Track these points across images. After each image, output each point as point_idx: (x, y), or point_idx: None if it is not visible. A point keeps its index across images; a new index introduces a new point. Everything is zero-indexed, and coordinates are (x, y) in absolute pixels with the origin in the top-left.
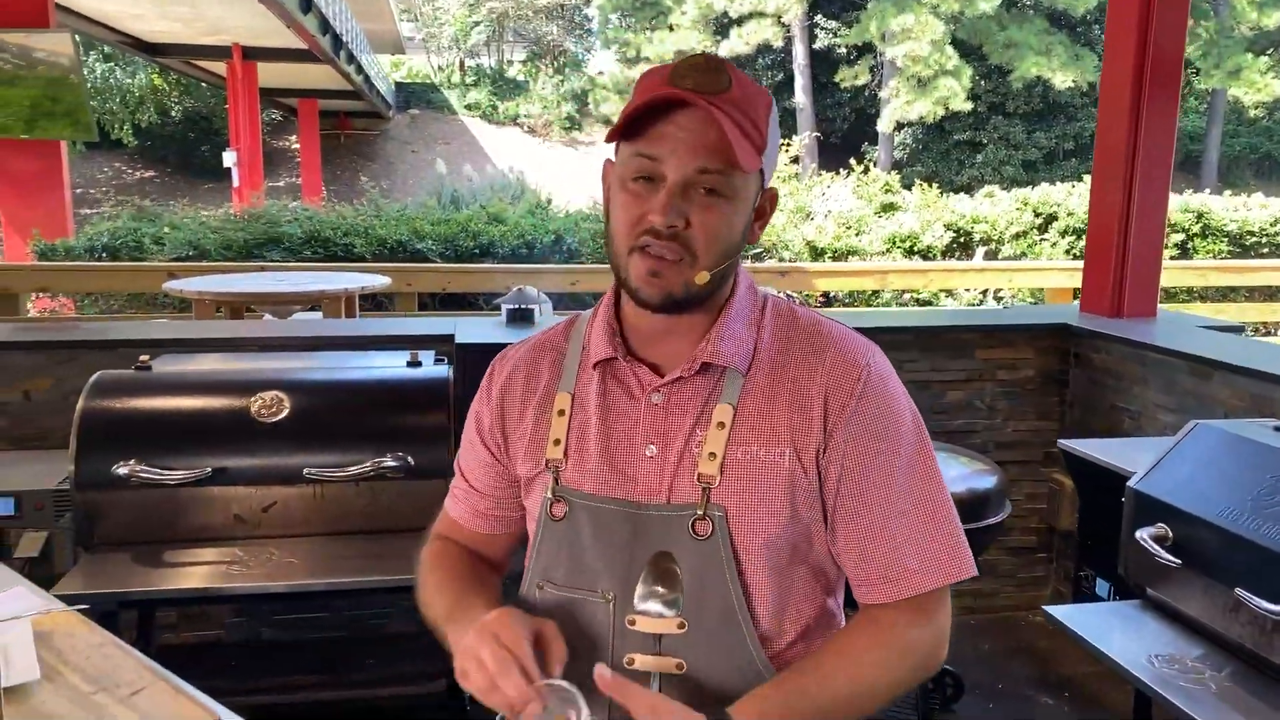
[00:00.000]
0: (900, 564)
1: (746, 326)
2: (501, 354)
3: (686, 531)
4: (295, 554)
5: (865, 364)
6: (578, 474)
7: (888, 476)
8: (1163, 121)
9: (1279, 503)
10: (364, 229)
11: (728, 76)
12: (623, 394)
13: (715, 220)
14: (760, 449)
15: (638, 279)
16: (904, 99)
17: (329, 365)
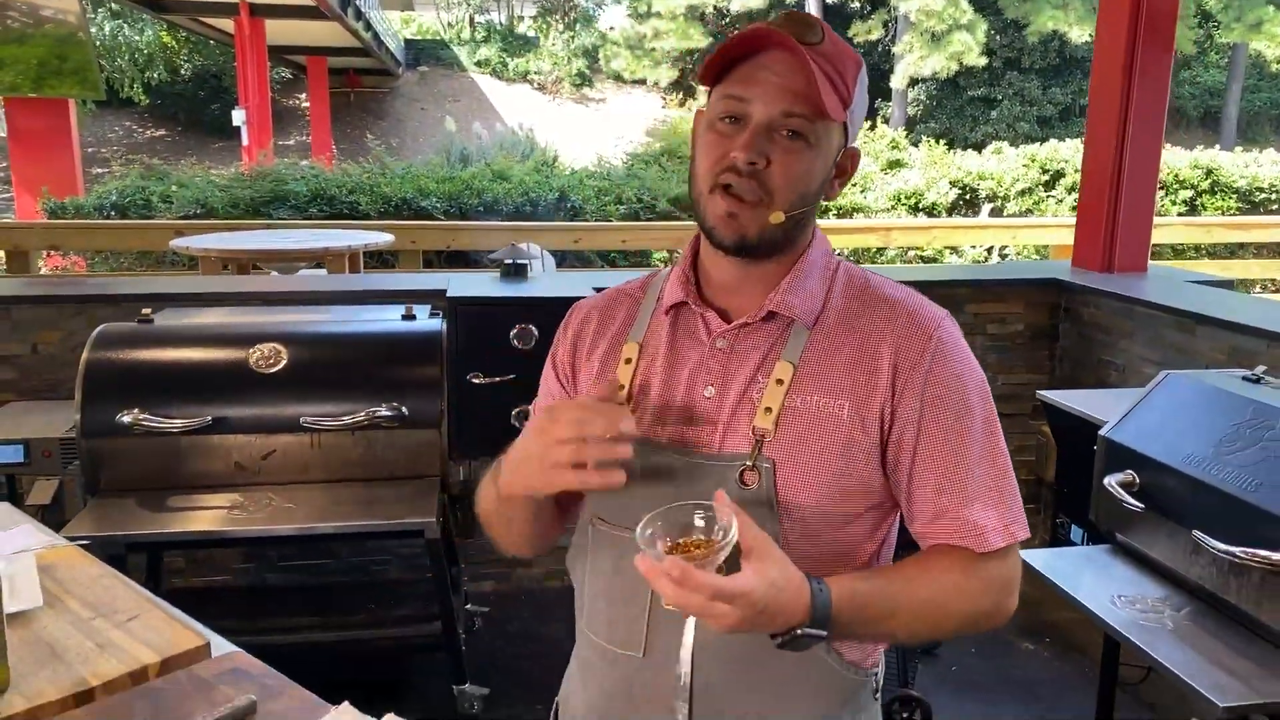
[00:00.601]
0: (973, 522)
1: (818, 283)
2: (576, 305)
3: (734, 480)
4: (294, 500)
5: (937, 327)
6: (637, 419)
7: (962, 439)
8: (1155, 78)
9: (1240, 448)
10: (369, 187)
11: (820, 31)
12: (690, 337)
13: (795, 163)
14: (819, 400)
15: (714, 218)
16: (917, 54)
17: (325, 318)
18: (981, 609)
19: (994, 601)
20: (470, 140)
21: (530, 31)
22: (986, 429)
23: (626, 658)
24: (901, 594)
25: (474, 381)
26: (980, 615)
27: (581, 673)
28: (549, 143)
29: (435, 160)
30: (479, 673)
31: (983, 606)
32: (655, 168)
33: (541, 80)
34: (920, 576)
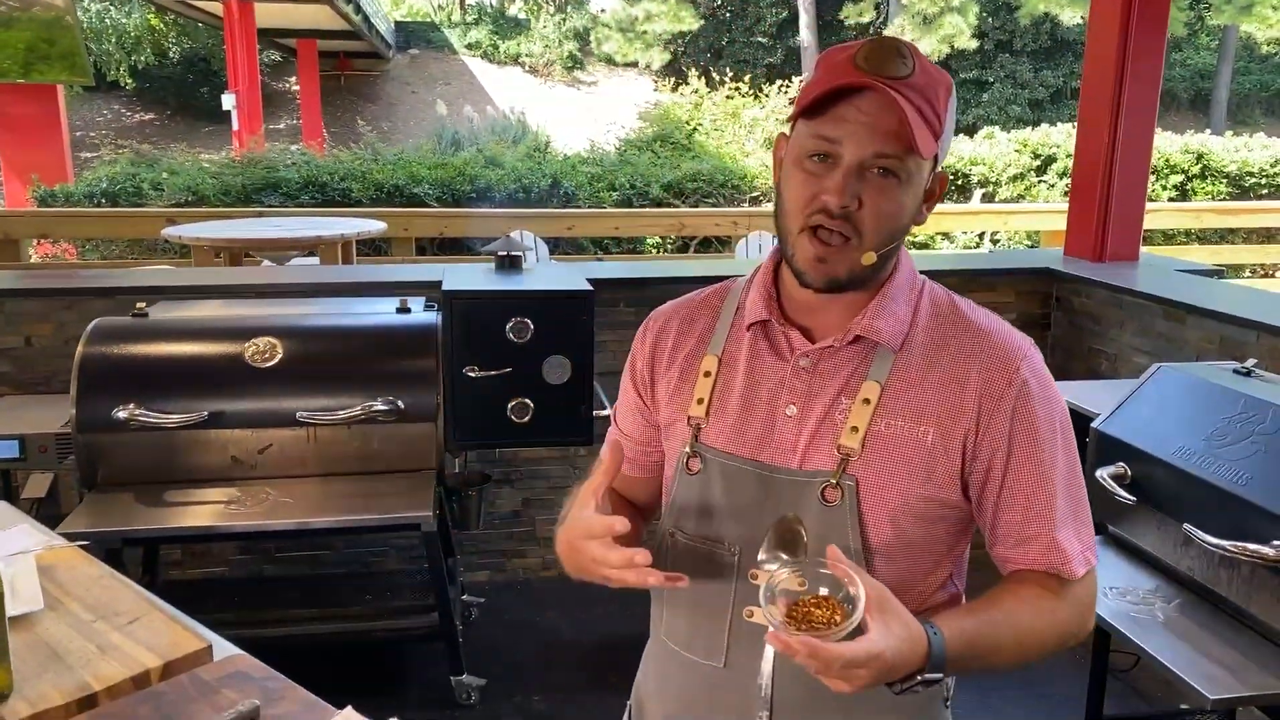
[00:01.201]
0: (1060, 549)
1: (904, 306)
2: (655, 311)
3: (816, 497)
4: (291, 494)
5: (1024, 358)
6: (715, 433)
7: (1048, 469)
8: (1149, 63)
9: (1230, 442)
10: (361, 173)
11: (912, 61)
12: (772, 354)
13: (887, 203)
14: (904, 424)
15: (804, 262)
16: (909, 37)
17: (321, 311)
18: (1070, 630)
19: (1080, 622)
20: (461, 124)
21: (521, 14)
22: (1068, 458)
23: (708, 667)
24: (1004, 626)
25: (470, 375)
26: (1069, 636)
27: (659, 679)
28: (540, 126)
29: (427, 145)
30: (476, 663)
31: (1071, 628)
32: (648, 154)
33: (533, 63)
34: (1019, 607)
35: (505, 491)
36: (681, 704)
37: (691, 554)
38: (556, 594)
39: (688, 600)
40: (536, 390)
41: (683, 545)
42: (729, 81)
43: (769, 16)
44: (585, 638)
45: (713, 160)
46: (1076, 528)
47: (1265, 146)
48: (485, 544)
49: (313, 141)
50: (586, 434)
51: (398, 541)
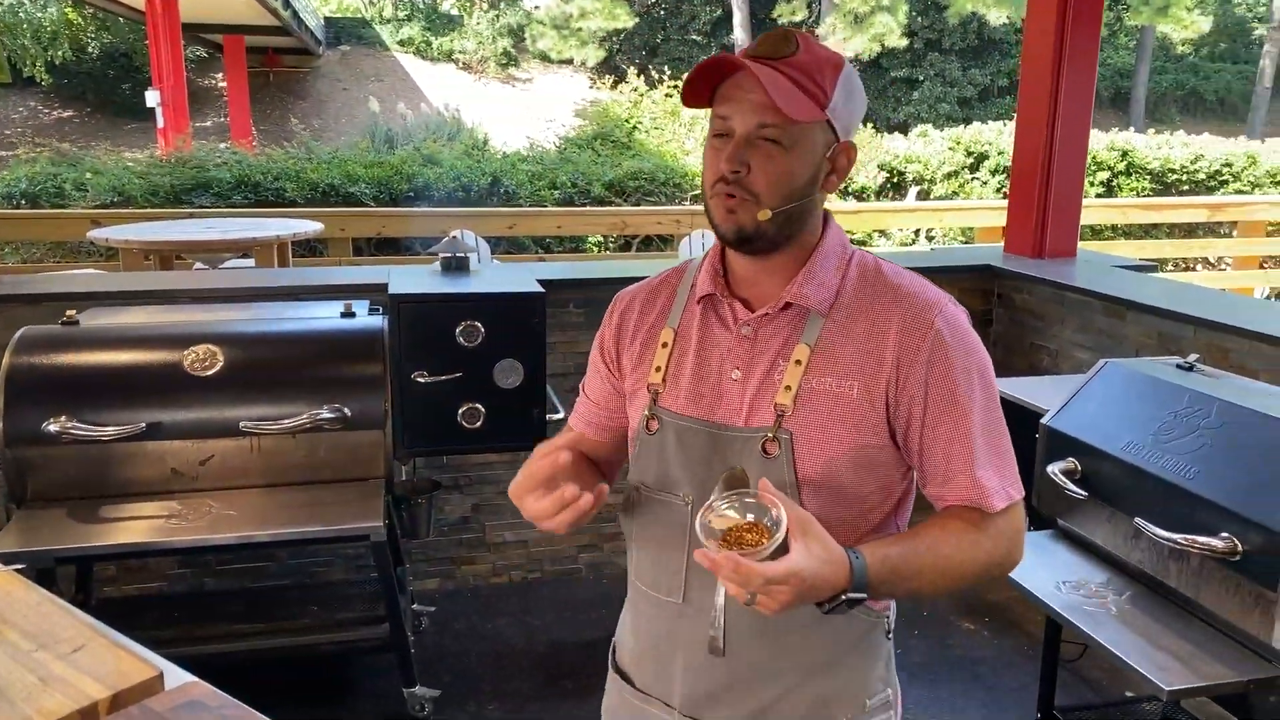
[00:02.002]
0: (980, 485)
1: (832, 274)
2: (620, 293)
3: (758, 450)
4: (235, 506)
5: (938, 310)
6: (671, 397)
7: (966, 408)
8: (1083, 65)
9: (1177, 436)
10: (295, 173)
11: (795, 43)
12: (719, 325)
13: (773, 167)
14: (831, 380)
15: (717, 217)
16: (841, 35)
17: (262, 316)
18: (995, 559)
19: (1005, 551)
20: (395, 121)
21: (454, 10)
22: (985, 399)
23: (669, 603)
24: (926, 554)
25: (419, 380)
26: (993, 565)
27: (633, 617)
28: (476, 124)
29: (362, 143)
30: (428, 674)
31: (995, 557)
32: (589, 152)
33: (466, 60)
34: (940, 537)
35: (454, 497)
36: (651, 636)
37: (653, 504)
38: (507, 601)
39: (651, 545)
40: (488, 395)
41: (645, 497)
42: (667, 80)
43: (703, 15)
44: (537, 644)
45: (654, 159)
46: (996, 465)
47: (1185, 144)
48: (434, 551)
49: (241, 140)
50: (540, 438)
51: (345, 550)
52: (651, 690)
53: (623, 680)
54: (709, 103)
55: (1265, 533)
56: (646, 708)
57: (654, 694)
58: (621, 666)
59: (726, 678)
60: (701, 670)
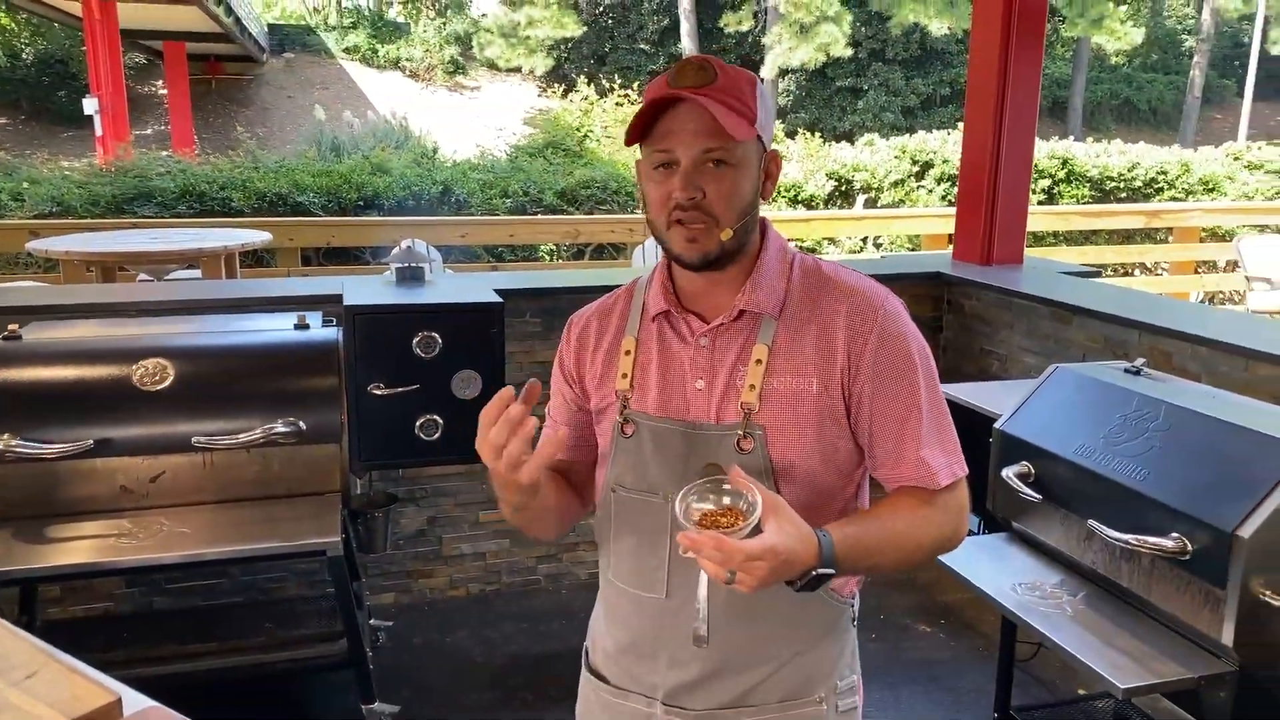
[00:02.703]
0: (926, 464)
1: (778, 278)
2: (574, 315)
3: (733, 446)
4: (187, 523)
5: (881, 305)
6: (641, 401)
7: (909, 396)
8: (1028, 74)
9: (1127, 439)
10: (242, 182)
11: (713, 70)
12: (676, 339)
13: (727, 186)
14: (792, 379)
15: (679, 247)
16: (786, 45)
17: (212, 329)
18: (944, 534)
19: (953, 527)
20: (341, 129)
21: (400, 18)
22: (928, 384)
23: (650, 599)
24: (884, 530)
25: (375, 393)
26: (943, 539)
27: (609, 617)
28: (424, 132)
29: (309, 152)
30: (387, 689)
31: (945, 532)
32: (540, 160)
33: (413, 68)
34: (894, 514)
35: (410, 510)
36: (631, 632)
37: (631, 505)
38: (465, 614)
39: (631, 544)
40: (446, 406)
41: (624, 498)
42: (617, 89)
43: (650, 24)
44: (496, 657)
45: (605, 167)
46: (940, 444)
47: (1122, 152)
48: (390, 565)
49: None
50: None
51: (299, 566)
52: (631, 686)
53: (598, 680)
54: (641, 138)
55: (1213, 532)
56: (625, 703)
57: (634, 689)
58: (596, 668)
59: (710, 667)
60: (686, 662)
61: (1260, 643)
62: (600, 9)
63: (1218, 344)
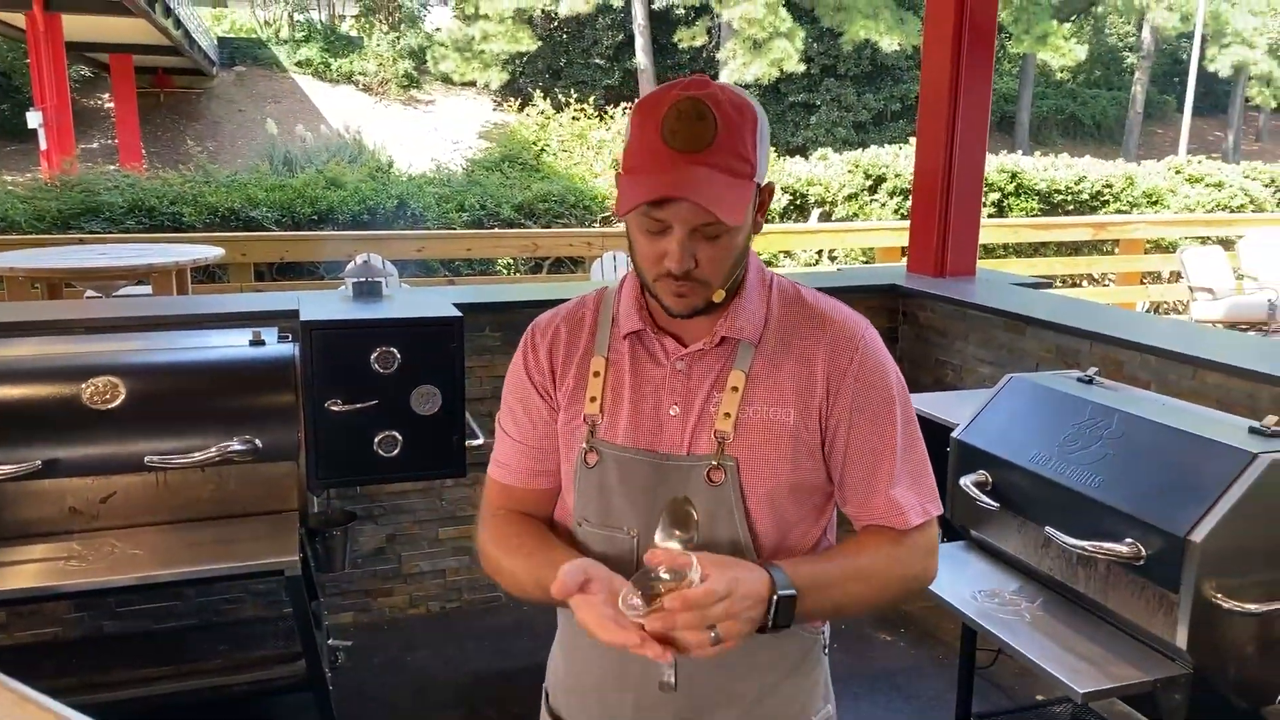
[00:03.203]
0: (896, 502)
1: (758, 303)
2: (538, 321)
3: (702, 478)
4: (139, 545)
5: (860, 336)
6: (610, 428)
7: (885, 432)
8: (979, 87)
9: (1081, 447)
10: (193, 196)
11: (712, 121)
12: (650, 361)
13: (722, 253)
14: (768, 408)
15: (666, 298)
16: (740, 60)
17: (165, 346)
18: (912, 572)
19: (922, 565)
20: (294, 144)
21: (353, 31)
22: (905, 422)
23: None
24: (847, 566)
25: (333, 409)
26: (911, 579)
27: (569, 659)
28: (378, 145)
29: (261, 166)
30: (347, 711)
31: (913, 570)
32: (497, 174)
33: (367, 82)
34: (860, 550)
35: (368, 528)
36: (594, 678)
37: (596, 540)
38: (425, 632)
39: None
40: (405, 422)
41: (588, 533)
42: (573, 103)
43: (605, 39)
44: (458, 675)
45: (563, 181)
46: (913, 483)
47: (1069, 166)
48: (349, 584)
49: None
50: (460, 466)
51: (255, 587)
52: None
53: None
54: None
55: (1166, 537)
56: None
57: None
58: (557, 710)
59: (680, 711)
60: (653, 707)
61: (1213, 645)
62: (555, 24)
63: (1167, 353)
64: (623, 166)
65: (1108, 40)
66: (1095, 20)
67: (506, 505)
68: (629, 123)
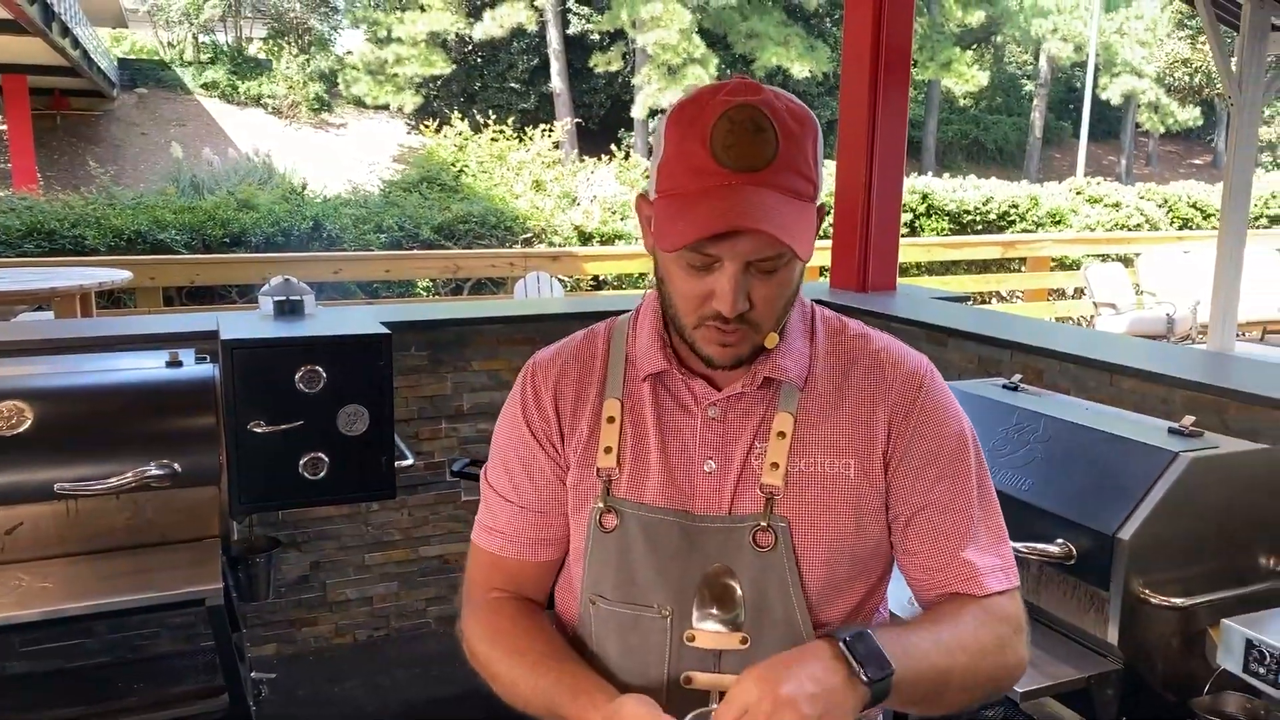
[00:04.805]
0: (974, 565)
1: (801, 339)
2: (539, 359)
3: (747, 543)
4: (49, 578)
5: (924, 374)
6: (633, 485)
7: (960, 483)
8: (896, 108)
9: (1010, 452)
10: (96, 219)
11: (773, 134)
12: (676, 407)
13: (778, 291)
14: (824, 459)
15: (707, 347)
16: (656, 86)
17: (75, 370)
18: (1004, 641)
19: (1015, 640)
20: (200, 167)
21: (261, 54)
22: (979, 474)
23: None
24: (931, 633)
25: (256, 430)
26: (1003, 648)
27: None
28: (289, 169)
29: (169, 189)
30: None
31: (1006, 640)
32: (416, 195)
33: (276, 104)
34: (936, 619)
35: (291, 555)
36: None
37: (617, 621)
38: (354, 662)
39: (616, 669)
40: (331, 443)
41: (605, 613)
42: (492, 124)
43: (521, 63)
44: (389, 705)
45: (483, 202)
46: (992, 543)
47: (977, 187)
48: (271, 614)
49: (26, 185)
50: (389, 487)
51: (171, 620)
52: None
53: None
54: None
55: (1095, 536)
56: None
57: None
58: None
59: None
60: None
61: (1142, 640)
62: (469, 47)
63: (1084, 360)
64: (658, 188)
65: (1007, 69)
66: (995, 49)
67: (498, 584)
68: (662, 134)
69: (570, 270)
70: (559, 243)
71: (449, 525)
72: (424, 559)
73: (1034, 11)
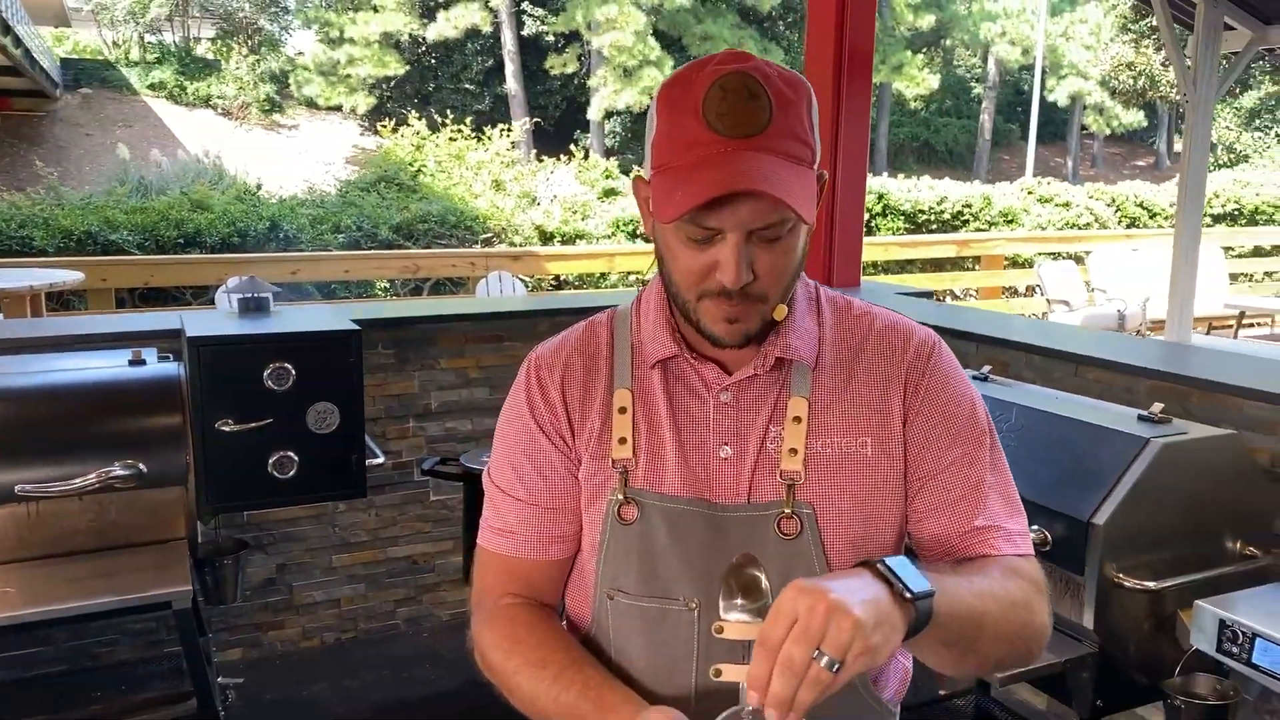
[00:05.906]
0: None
1: (809, 318)
2: (541, 352)
3: (771, 531)
4: (9, 583)
5: (932, 345)
6: (652, 474)
7: (974, 451)
8: (859, 107)
9: None
10: (44, 219)
11: (766, 99)
12: (687, 393)
13: (783, 259)
14: (840, 439)
15: (712, 323)
16: (611, 87)
17: (34, 369)
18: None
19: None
20: (149, 168)
21: (210, 54)
22: (992, 442)
23: None
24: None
25: (224, 429)
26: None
27: None
28: (240, 170)
29: (121, 189)
30: None
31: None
32: (374, 195)
33: (226, 106)
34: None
35: (257, 558)
36: None
37: (640, 615)
38: (321, 664)
39: (641, 665)
40: (301, 442)
41: (625, 607)
42: (450, 123)
43: (475, 64)
44: (359, 708)
45: (442, 201)
46: (1006, 507)
47: (931, 188)
48: (237, 618)
49: None
50: (359, 486)
51: (131, 626)
52: None
53: None
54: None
55: (1070, 522)
56: None
57: None
58: None
59: None
60: None
61: (1116, 623)
62: (423, 48)
63: (1050, 351)
64: (653, 164)
65: (956, 72)
66: (945, 52)
67: (512, 589)
68: (653, 111)
69: (532, 270)
70: (520, 242)
71: (416, 525)
72: (392, 560)
73: (982, 15)
